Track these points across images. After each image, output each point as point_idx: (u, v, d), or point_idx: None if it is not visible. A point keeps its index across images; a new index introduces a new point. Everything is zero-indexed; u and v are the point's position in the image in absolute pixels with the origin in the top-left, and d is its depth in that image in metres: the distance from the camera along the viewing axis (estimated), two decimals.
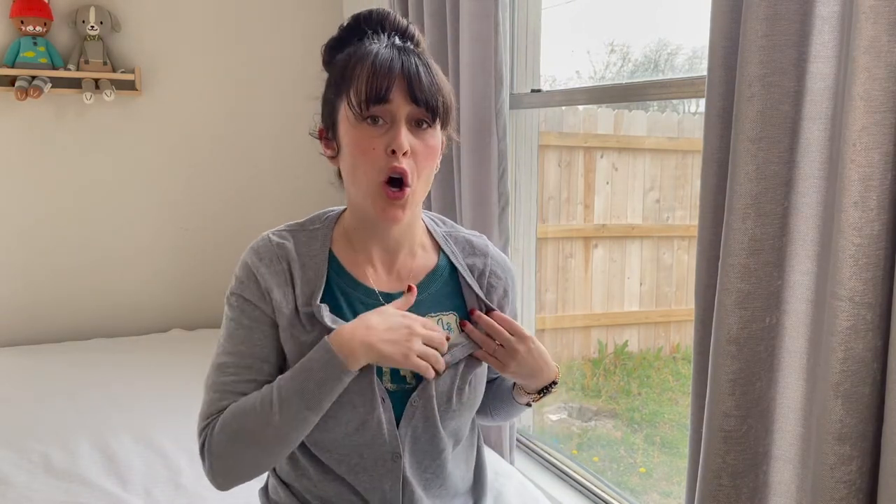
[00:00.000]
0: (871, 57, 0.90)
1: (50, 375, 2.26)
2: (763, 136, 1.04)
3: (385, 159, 0.97)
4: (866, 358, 0.95)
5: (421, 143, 0.98)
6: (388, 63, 0.96)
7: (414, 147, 0.98)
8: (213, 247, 2.89)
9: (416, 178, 0.99)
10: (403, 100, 0.96)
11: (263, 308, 1.02)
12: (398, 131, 0.96)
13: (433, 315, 1.08)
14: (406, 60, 0.97)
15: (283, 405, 0.95)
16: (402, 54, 0.98)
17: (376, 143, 0.96)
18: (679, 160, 4.01)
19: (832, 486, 0.98)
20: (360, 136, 0.97)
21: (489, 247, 1.16)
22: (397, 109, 0.96)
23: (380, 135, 0.97)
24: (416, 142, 0.98)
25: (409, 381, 1.05)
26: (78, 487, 1.60)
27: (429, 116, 0.98)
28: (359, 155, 0.98)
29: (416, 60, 0.98)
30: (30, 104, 2.56)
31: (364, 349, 0.95)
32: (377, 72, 0.95)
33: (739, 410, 1.11)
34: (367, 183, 0.98)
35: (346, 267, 1.06)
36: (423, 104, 0.96)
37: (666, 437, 3.43)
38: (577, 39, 3.69)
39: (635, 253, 4.01)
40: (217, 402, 1.01)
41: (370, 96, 0.95)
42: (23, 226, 2.64)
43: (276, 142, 2.93)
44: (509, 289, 1.16)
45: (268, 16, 2.88)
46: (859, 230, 0.93)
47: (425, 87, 0.96)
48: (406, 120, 0.97)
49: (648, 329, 4.06)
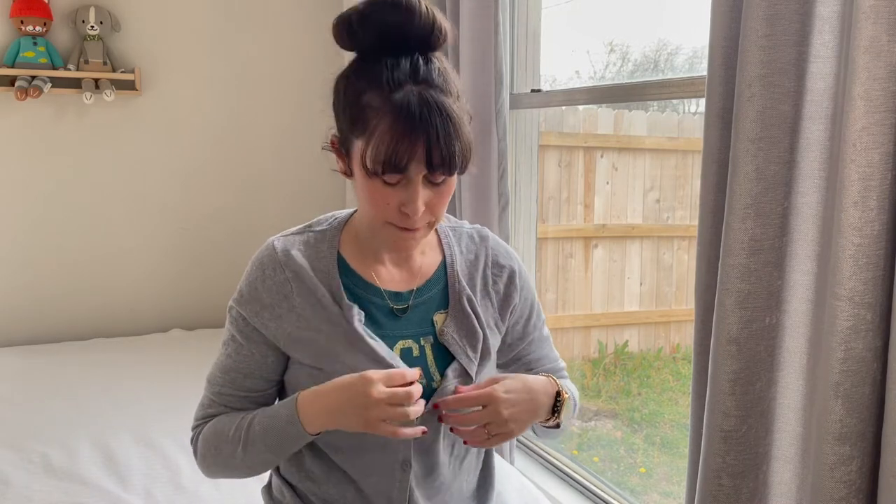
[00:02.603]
0: (871, 57, 0.90)
1: (50, 375, 2.26)
2: (763, 136, 1.04)
3: (398, 215, 0.94)
4: (866, 358, 0.95)
5: (437, 196, 0.95)
6: (409, 131, 0.88)
7: (429, 201, 0.94)
8: (213, 247, 2.89)
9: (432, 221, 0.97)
10: (420, 168, 0.91)
11: (259, 327, 1.02)
12: (415, 194, 0.92)
13: (442, 312, 1.06)
14: (426, 119, 0.88)
15: (248, 444, 1.00)
16: (425, 110, 0.89)
17: (390, 199, 0.93)
18: (679, 160, 4.01)
19: (832, 486, 0.98)
20: (372, 188, 0.93)
21: (489, 238, 1.14)
22: (414, 175, 0.92)
23: (394, 192, 0.92)
24: (431, 196, 0.94)
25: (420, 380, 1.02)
26: (78, 487, 1.60)
27: (445, 175, 0.94)
28: (370, 204, 0.95)
29: (437, 117, 0.89)
30: (30, 104, 2.56)
31: (324, 419, 0.96)
32: (395, 140, 0.88)
33: (739, 410, 1.11)
34: (378, 222, 0.96)
35: (355, 268, 1.05)
36: (441, 168, 0.91)
37: (666, 437, 3.43)
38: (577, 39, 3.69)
39: (635, 253, 4.01)
40: (207, 408, 1.08)
41: (387, 166, 0.90)
42: (22, 226, 2.64)
43: (276, 141, 2.92)
44: (516, 275, 1.12)
45: (267, 15, 2.88)
46: (859, 230, 0.93)
47: (444, 150, 0.90)
48: (423, 178, 0.93)
49: (648, 329, 4.06)
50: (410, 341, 1.04)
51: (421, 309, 1.06)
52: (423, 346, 1.04)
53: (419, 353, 1.04)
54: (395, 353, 1.02)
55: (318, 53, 2.98)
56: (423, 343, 1.04)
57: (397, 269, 1.07)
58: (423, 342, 1.04)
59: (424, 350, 1.04)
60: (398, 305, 1.05)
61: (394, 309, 1.05)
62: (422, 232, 0.98)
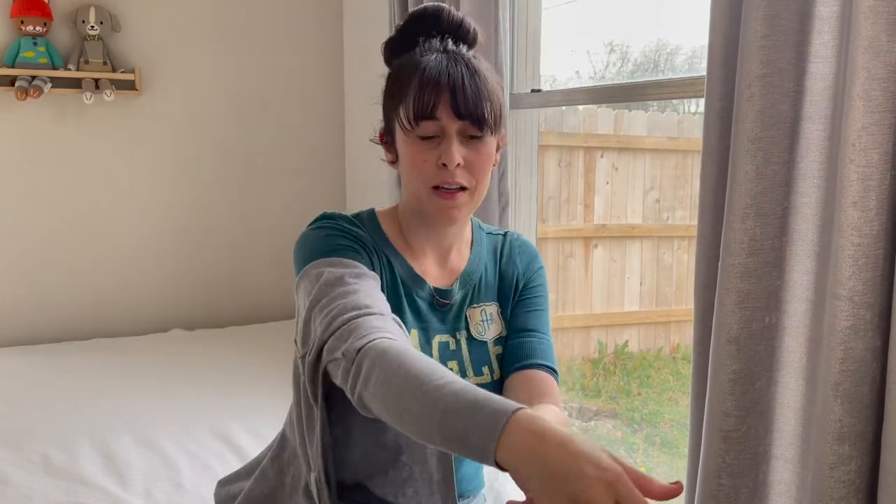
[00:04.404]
0: (870, 57, 0.90)
1: (50, 375, 2.25)
2: (763, 136, 1.04)
3: (437, 172, 0.99)
4: (866, 358, 0.95)
5: (474, 153, 1.00)
6: (435, 78, 0.97)
7: (467, 158, 0.99)
8: (213, 247, 2.89)
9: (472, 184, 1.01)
10: (450, 115, 0.97)
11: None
12: (450, 145, 0.97)
13: (477, 306, 1.10)
14: (454, 72, 0.97)
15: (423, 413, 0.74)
16: (451, 64, 0.98)
17: (428, 157, 0.99)
18: (679, 160, 4.01)
19: (832, 486, 0.98)
20: (413, 150, 1.00)
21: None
22: (447, 125, 0.98)
23: (431, 148, 0.99)
24: (468, 153, 0.99)
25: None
26: (78, 487, 1.60)
27: (477, 129, 0.99)
28: (412, 168, 1.00)
29: (464, 70, 0.98)
30: (30, 104, 2.56)
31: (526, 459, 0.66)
32: (423, 88, 0.97)
33: (739, 410, 1.11)
34: (421, 190, 1.00)
35: (406, 258, 1.08)
36: (469, 118, 0.97)
37: (666, 437, 3.43)
38: (577, 39, 3.69)
39: (635, 253, 4.01)
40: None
41: (417, 113, 0.97)
42: (22, 226, 2.64)
43: (276, 141, 2.92)
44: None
45: (267, 15, 2.88)
46: (859, 230, 0.93)
47: (470, 101, 0.96)
48: (458, 132, 0.98)
49: (648, 329, 4.06)
50: (447, 335, 1.08)
51: (459, 304, 1.09)
52: (458, 341, 1.08)
53: (455, 346, 1.07)
54: (433, 346, 1.06)
55: (318, 53, 2.98)
56: (459, 337, 1.08)
57: (437, 266, 1.10)
58: (458, 336, 1.08)
59: (460, 344, 1.08)
60: (443, 301, 1.08)
61: (438, 303, 1.08)
62: (463, 198, 1.00)
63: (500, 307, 1.12)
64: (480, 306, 1.11)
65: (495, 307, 1.12)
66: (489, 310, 1.11)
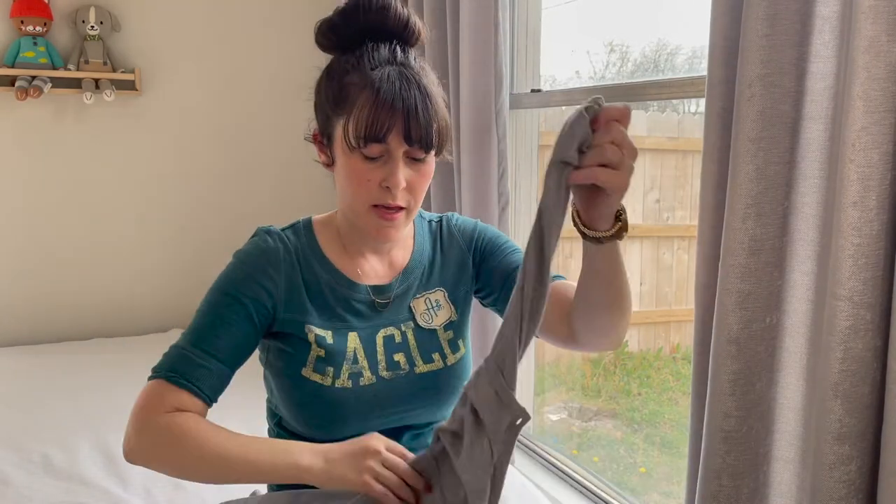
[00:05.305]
0: (870, 57, 0.90)
1: (50, 375, 2.25)
2: (763, 136, 1.04)
3: (379, 192, 0.98)
4: (866, 358, 0.95)
5: (416, 175, 1.00)
6: (389, 102, 0.94)
7: (409, 179, 0.99)
8: (213, 246, 2.88)
9: (411, 204, 1.01)
10: (400, 141, 0.95)
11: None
12: (396, 169, 0.96)
13: (420, 295, 1.10)
14: (407, 96, 0.94)
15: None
16: (404, 86, 0.95)
17: (371, 177, 0.97)
18: (679, 160, 4.01)
19: (832, 486, 0.98)
20: (355, 167, 0.98)
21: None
22: (394, 149, 0.96)
23: (375, 168, 0.97)
24: (411, 174, 0.99)
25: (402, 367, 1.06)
26: (78, 487, 1.60)
27: (423, 153, 0.98)
28: (352, 184, 0.99)
29: (416, 94, 0.95)
30: (30, 104, 2.56)
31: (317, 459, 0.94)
32: (377, 110, 0.94)
33: (740, 411, 1.11)
34: (361, 206, 1.00)
35: (337, 265, 1.08)
36: (419, 143, 0.96)
37: (666, 437, 3.43)
38: (577, 39, 3.69)
39: (635, 253, 4.01)
40: None
41: (367, 135, 0.95)
42: (22, 226, 2.64)
43: (275, 141, 2.92)
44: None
45: (267, 16, 2.88)
46: (859, 230, 0.93)
47: (422, 128, 0.95)
48: (404, 155, 0.98)
49: (648, 329, 4.05)
50: (392, 328, 1.08)
51: (401, 297, 1.10)
52: (404, 332, 1.08)
53: (401, 339, 1.08)
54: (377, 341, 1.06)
55: (318, 53, 2.98)
56: (405, 329, 1.08)
57: (379, 263, 1.11)
58: (403, 328, 1.08)
59: (406, 335, 1.08)
60: (381, 299, 1.08)
61: (376, 302, 1.08)
62: (401, 218, 1.01)
63: (446, 292, 1.13)
64: (424, 295, 1.11)
65: (441, 293, 1.12)
66: (434, 297, 1.12)
